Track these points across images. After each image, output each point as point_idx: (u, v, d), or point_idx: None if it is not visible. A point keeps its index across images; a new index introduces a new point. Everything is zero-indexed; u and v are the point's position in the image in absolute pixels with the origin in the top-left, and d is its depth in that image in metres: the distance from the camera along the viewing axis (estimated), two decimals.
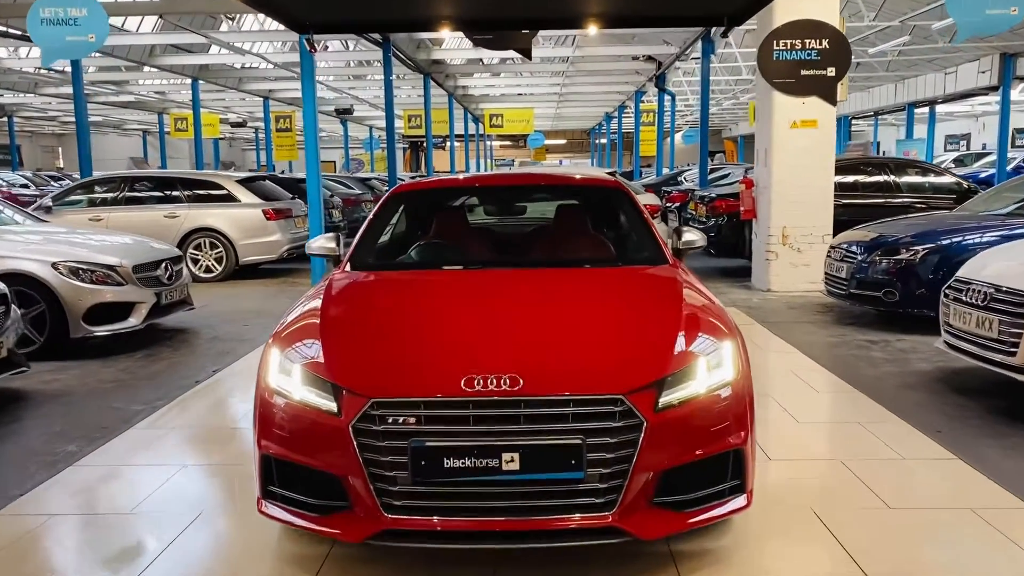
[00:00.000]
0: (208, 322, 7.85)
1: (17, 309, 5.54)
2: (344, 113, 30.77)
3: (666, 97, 22.15)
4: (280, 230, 10.99)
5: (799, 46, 8.90)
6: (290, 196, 11.92)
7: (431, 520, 2.64)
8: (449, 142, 28.41)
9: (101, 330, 6.45)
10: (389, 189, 5.20)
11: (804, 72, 8.94)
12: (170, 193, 11.06)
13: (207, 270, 10.80)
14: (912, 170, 10.89)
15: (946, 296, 5.24)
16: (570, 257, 4.02)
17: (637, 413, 2.64)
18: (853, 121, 34.62)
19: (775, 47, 8.91)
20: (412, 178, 23.76)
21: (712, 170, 16.83)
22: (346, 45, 24.48)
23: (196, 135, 21.61)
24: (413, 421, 2.64)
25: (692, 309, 3.17)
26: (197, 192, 11.04)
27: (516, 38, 9.49)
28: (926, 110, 28.12)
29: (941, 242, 6.89)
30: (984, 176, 20.25)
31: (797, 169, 9.03)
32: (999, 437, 4.27)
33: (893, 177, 10.48)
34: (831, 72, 8.95)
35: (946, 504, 3.42)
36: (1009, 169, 19.78)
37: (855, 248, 7.37)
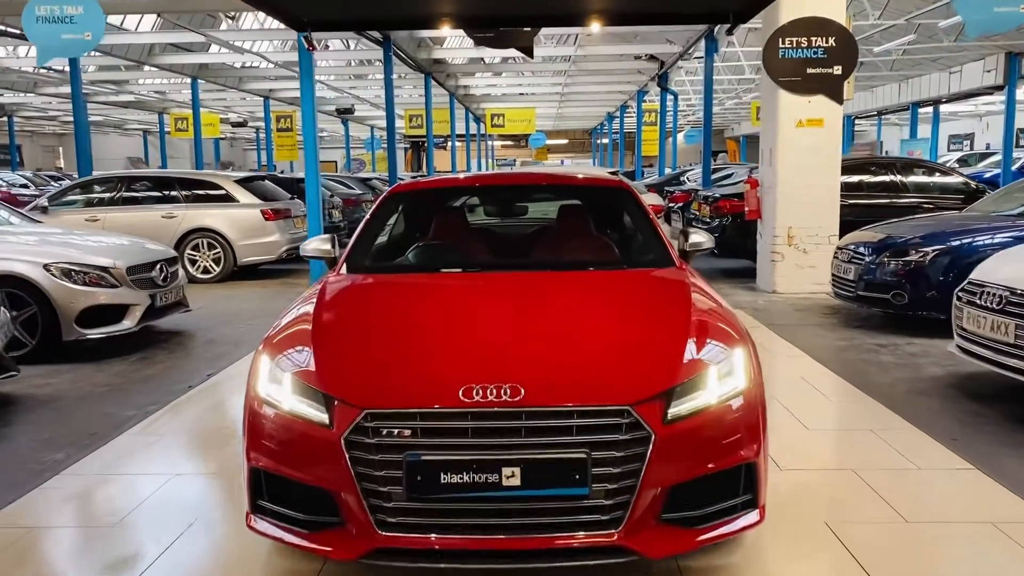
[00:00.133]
0: (205, 324, 7.72)
1: (7, 312, 5.43)
2: (345, 113, 30.65)
3: (668, 96, 22.02)
4: (279, 230, 10.86)
5: (805, 44, 8.73)
6: (289, 196, 11.80)
7: (428, 538, 2.51)
8: (450, 142, 28.26)
9: (94, 333, 6.33)
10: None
11: (810, 70, 8.77)
12: (167, 193, 10.94)
13: (205, 271, 10.68)
14: (919, 170, 10.76)
15: (959, 299, 5.10)
16: (573, 259, 3.88)
17: (645, 425, 2.50)
18: (856, 121, 34.44)
19: (780, 45, 8.74)
20: (413, 178, 23.68)
21: (715, 170, 16.70)
22: (347, 44, 24.37)
23: (196, 135, 21.50)
24: (408, 433, 2.50)
25: (701, 314, 3.04)
26: (195, 192, 10.91)
27: (517, 36, 9.35)
28: (930, 110, 27.96)
29: (951, 243, 6.76)
30: (989, 176, 20.09)
31: (803, 169, 8.89)
32: (1017, 446, 4.13)
33: (900, 177, 10.35)
34: (837, 70, 8.78)
35: (965, 517, 3.29)
36: (1014, 169, 19.60)
37: (863, 249, 7.24)
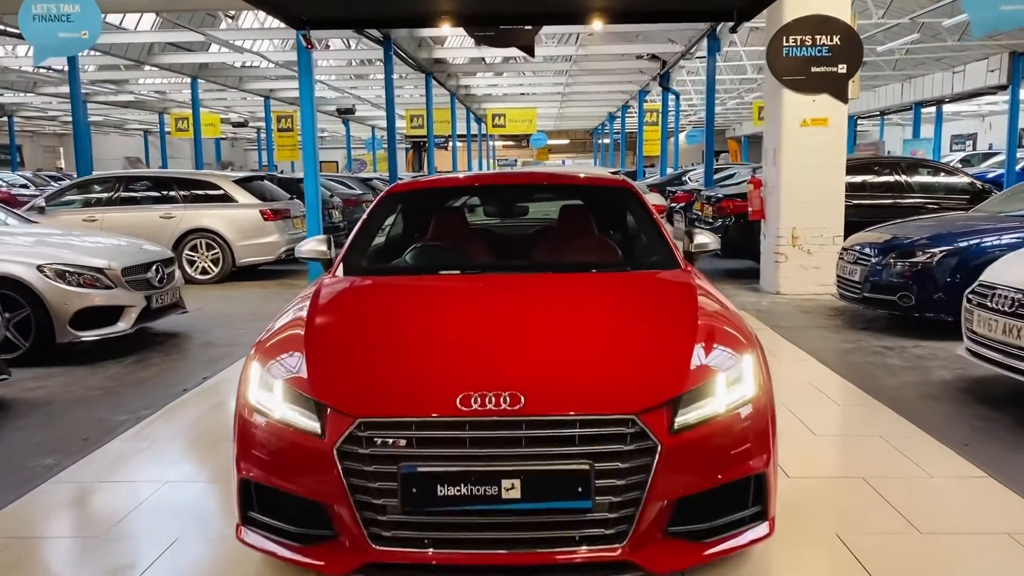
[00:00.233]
0: (202, 326, 7.62)
1: (0, 313, 5.33)
2: (346, 113, 30.56)
3: (670, 96, 21.90)
4: (278, 231, 10.76)
5: (809, 42, 8.64)
6: (288, 196, 11.69)
7: (424, 553, 2.41)
8: (451, 142, 28.17)
9: (88, 335, 6.22)
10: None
11: (814, 69, 8.68)
12: (166, 193, 10.84)
13: (203, 272, 10.58)
14: (924, 170, 10.65)
15: (969, 301, 4.99)
16: (575, 261, 3.77)
17: (650, 435, 2.40)
18: (859, 121, 34.30)
19: (784, 43, 8.65)
20: (413, 178, 23.58)
21: (716, 170, 16.59)
22: (348, 44, 24.27)
23: (196, 135, 21.41)
24: (403, 443, 2.40)
25: (709, 318, 2.93)
26: (193, 192, 10.81)
27: (518, 35, 9.24)
28: (932, 110, 27.83)
29: (959, 244, 6.65)
30: (992, 176, 19.97)
31: (807, 168, 8.78)
32: None
33: (904, 177, 10.24)
34: (842, 69, 8.69)
35: (981, 528, 3.18)
36: (1018, 169, 19.48)
37: (868, 250, 7.13)
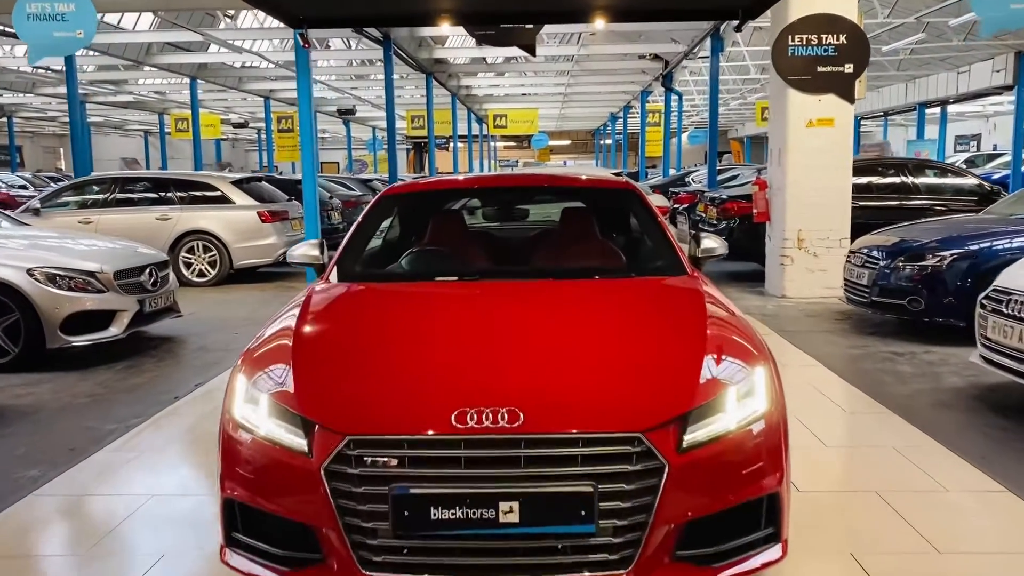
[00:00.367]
0: (197, 330, 7.49)
1: None
2: (346, 113, 30.42)
3: (673, 97, 21.76)
4: (276, 233, 10.63)
5: (815, 41, 8.49)
6: (287, 198, 11.56)
7: None
8: (452, 143, 28.03)
9: (80, 340, 6.09)
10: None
11: (820, 68, 8.53)
12: (162, 195, 10.70)
13: (200, 274, 10.44)
14: (930, 171, 10.50)
15: (983, 307, 4.85)
16: (578, 267, 3.62)
17: (658, 454, 2.25)
18: (863, 122, 34.13)
19: (790, 42, 8.50)
20: (414, 179, 23.45)
21: (720, 171, 16.43)
22: (348, 44, 24.14)
23: (195, 135, 21.29)
24: (395, 463, 2.26)
25: (718, 328, 2.79)
26: (190, 194, 10.67)
27: (519, 34, 9.11)
28: (936, 110, 27.65)
29: (969, 247, 6.50)
30: (997, 178, 19.80)
31: (813, 170, 8.64)
32: None
33: (911, 178, 10.09)
34: (848, 69, 8.54)
35: (1003, 548, 3.03)
36: None
37: (876, 253, 6.98)
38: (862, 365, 5.87)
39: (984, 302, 4.84)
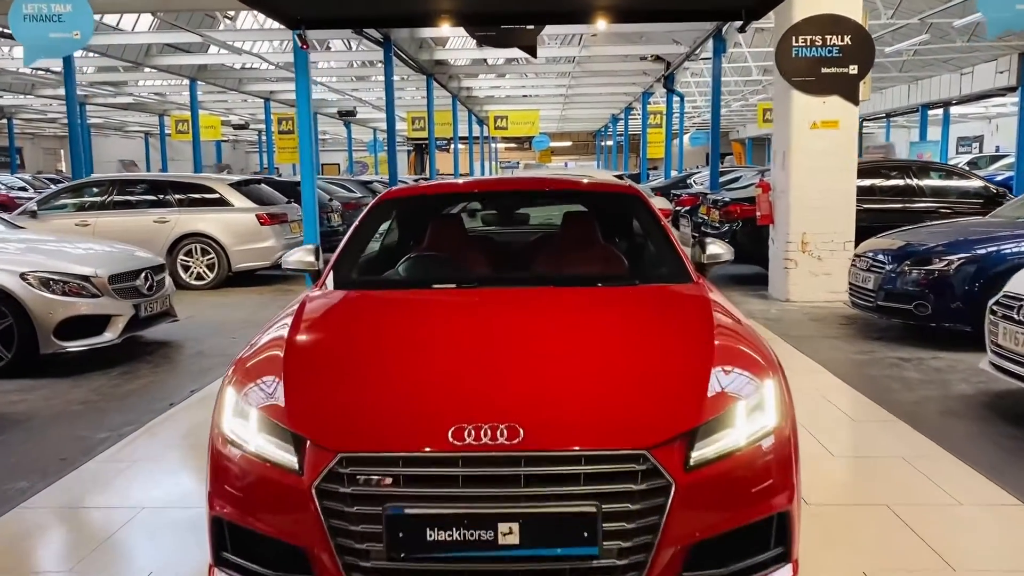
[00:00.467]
0: (194, 334, 7.39)
1: None
2: (347, 115, 30.34)
3: (674, 98, 21.67)
4: (274, 235, 10.53)
5: (819, 42, 8.40)
6: (285, 200, 11.46)
7: None
8: (453, 144, 27.95)
9: (74, 345, 5.99)
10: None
11: (824, 70, 8.45)
12: (160, 197, 10.61)
13: (198, 277, 10.35)
14: (935, 173, 10.39)
15: (993, 313, 4.75)
16: (580, 274, 3.52)
17: (664, 472, 2.16)
18: (865, 123, 34.02)
19: (794, 43, 8.42)
20: (415, 181, 23.37)
21: (721, 172, 16.33)
22: (348, 45, 24.05)
23: (195, 137, 21.19)
24: (389, 482, 2.16)
25: (726, 338, 2.69)
26: (188, 196, 10.58)
27: (520, 35, 9.01)
28: (939, 112, 27.54)
29: (977, 251, 6.40)
30: (1000, 180, 19.70)
31: (817, 172, 8.54)
32: None
33: (916, 181, 9.99)
34: (853, 70, 8.45)
35: (1019, 565, 2.93)
36: None
37: (882, 257, 6.88)
38: (869, 371, 5.77)
39: (994, 308, 4.74)
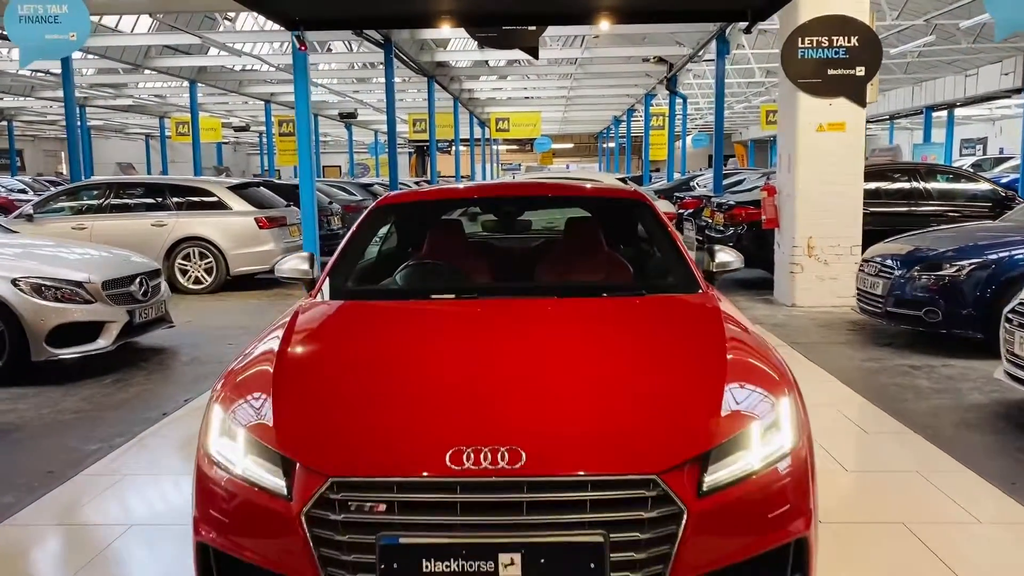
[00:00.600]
0: (190, 340, 7.27)
1: None
2: (348, 117, 30.23)
3: (677, 100, 21.54)
4: (273, 239, 10.40)
5: (826, 44, 8.28)
6: (285, 203, 11.34)
7: None
8: (455, 147, 27.82)
9: (66, 353, 5.86)
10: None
11: (831, 71, 8.32)
12: (158, 200, 10.50)
13: (196, 281, 10.22)
14: (942, 176, 10.26)
15: (1009, 321, 4.62)
16: (585, 283, 3.39)
17: (675, 499, 2.03)
18: (868, 125, 33.86)
19: (800, 45, 8.29)
20: (416, 183, 23.24)
21: (725, 175, 16.19)
22: (349, 47, 23.93)
23: (194, 139, 21.08)
24: (383, 508, 2.03)
25: (739, 353, 2.56)
26: (187, 199, 10.46)
27: (522, 36, 8.89)
28: (943, 114, 27.39)
29: (988, 257, 6.27)
30: (1005, 182, 19.56)
31: (823, 175, 8.40)
32: None
33: (923, 184, 9.85)
34: (860, 72, 8.33)
35: None
36: None
37: (891, 262, 6.75)
38: (879, 380, 5.64)
39: (1010, 316, 4.61)
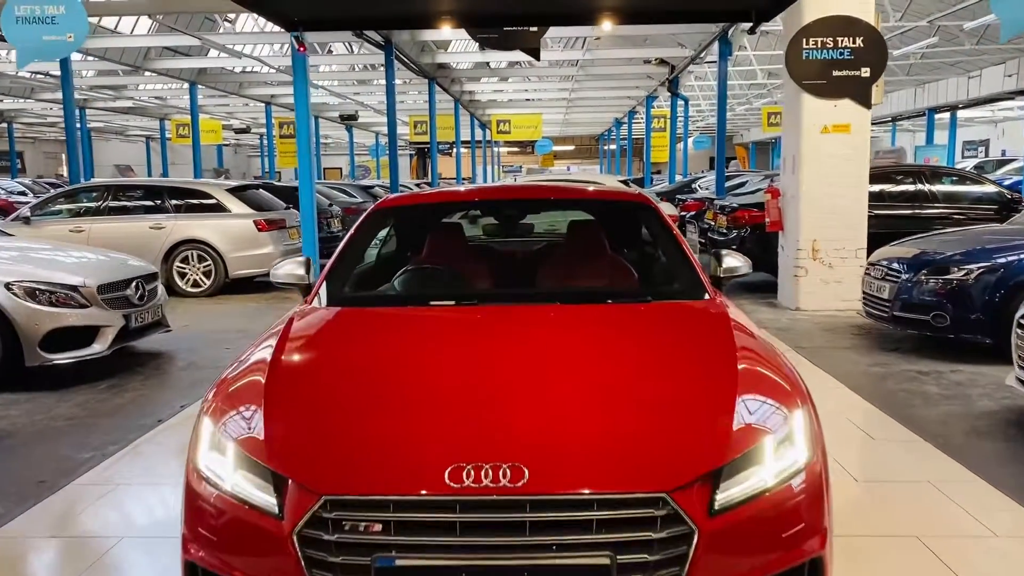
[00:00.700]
0: (188, 345, 7.17)
1: None
2: (349, 119, 30.16)
3: (679, 102, 21.46)
4: (273, 242, 10.32)
5: (830, 45, 8.19)
6: (284, 206, 11.26)
7: None
8: (455, 149, 27.73)
9: (61, 358, 5.77)
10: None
11: (836, 73, 8.24)
12: (156, 203, 10.41)
13: (195, 284, 10.14)
14: (948, 179, 10.16)
15: (1021, 327, 4.52)
16: (589, 290, 3.30)
17: (686, 518, 1.93)
18: (870, 127, 33.76)
19: (804, 46, 8.21)
20: (417, 185, 23.14)
21: (727, 177, 16.10)
22: (350, 49, 23.86)
23: (195, 141, 20.99)
24: (379, 528, 1.94)
25: (750, 363, 2.46)
26: (185, 202, 10.38)
27: (523, 37, 8.80)
28: (945, 115, 27.29)
29: (997, 260, 6.17)
30: (1008, 184, 19.46)
31: (828, 177, 8.32)
32: None
33: (928, 186, 9.75)
34: (865, 73, 8.24)
35: None
36: None
37: (897, 266, 6.65)
38: (886, 385, 5.54)
39: (1022, 322, 4.52)
